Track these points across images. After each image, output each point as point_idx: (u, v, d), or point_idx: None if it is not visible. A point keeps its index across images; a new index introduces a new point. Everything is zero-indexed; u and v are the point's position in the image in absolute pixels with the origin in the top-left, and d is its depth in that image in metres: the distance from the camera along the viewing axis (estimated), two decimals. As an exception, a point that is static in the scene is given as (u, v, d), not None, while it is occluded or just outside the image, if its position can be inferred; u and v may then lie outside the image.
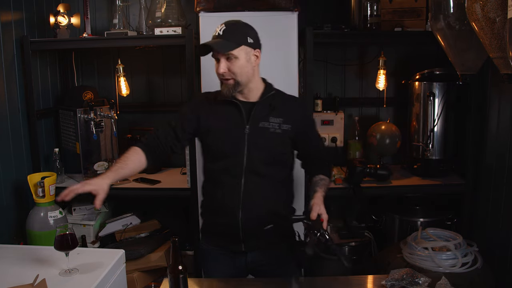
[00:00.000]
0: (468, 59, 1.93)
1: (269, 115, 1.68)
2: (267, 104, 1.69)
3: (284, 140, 1.70)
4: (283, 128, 1.68)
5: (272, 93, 1.72)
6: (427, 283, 1.56)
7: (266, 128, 1.67)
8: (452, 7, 1.83)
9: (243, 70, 1.63)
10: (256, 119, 1.68)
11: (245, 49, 1.62)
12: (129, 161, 1.67)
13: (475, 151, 2.47)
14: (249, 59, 1.64)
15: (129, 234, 2.72)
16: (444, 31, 1.91)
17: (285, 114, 1.69)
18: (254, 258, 1.76)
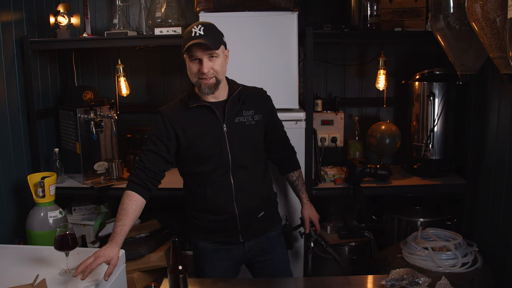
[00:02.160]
0: (468, 59, 1.93)
1: (241, 110, 1.77)
2: (236, 100, 1.77)
3: (259, 130, 1.82)
4: (256, 119, 1.79)
5: (239, 89, 1.79)
6: (427, 283, 1.57)
7: (242, 123, 1.76)
8: (452, 7, 1.83)
9: (223, 69, 1.72)
10: (231, 116, 1.75)
11: (222, 48, 1.72)
12: (129, 213, 1.66)
13: (475, 151, 2.47)
14: (225, 57, 1.73)
15: (129, 234, 2.69)
16: (444, 31, 1.91)
17: (254, 105, 1.80)
18: (251, 246, 1.87)
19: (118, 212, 1.66)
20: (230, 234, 1.82)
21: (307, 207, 2.06)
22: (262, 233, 1.87)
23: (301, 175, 2.05)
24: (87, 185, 2.63)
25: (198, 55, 1.66)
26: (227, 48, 1.77)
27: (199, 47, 1.65)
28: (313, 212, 2.07)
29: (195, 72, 1.70)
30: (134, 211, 1.67)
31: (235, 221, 1.78)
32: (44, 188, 2.25)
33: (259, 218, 1.84)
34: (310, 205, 2.07)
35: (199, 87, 1.71)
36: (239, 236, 1.82)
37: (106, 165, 2.69)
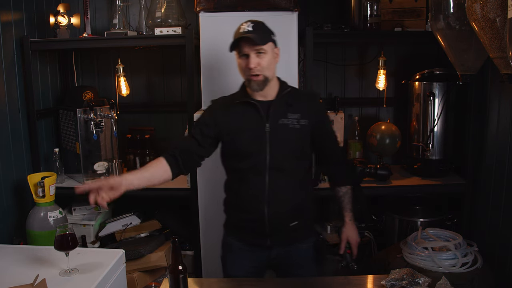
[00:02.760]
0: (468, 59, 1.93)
1: (287, 112, 1.73)
2: (283, 102, 1.74)
3: (304, 135, 1.75)
4: (301, 123, 1.73)
5: (288, 90, 1.76)
6: (427, 283, 1.57)
7: (286, 125, 1.72)
8: (452, 7, 1.83)
9: (271, 66, 1.71)
10: (275, 117, 1.72)
11: (271, 46, 1.71)
12: (149, 168, 1.73)
13: (475, 151, 2.47)
14: (274, 55, 1.72)
15: (129, 234, 2.72)
16: (444, 31, 1.91)
17: (301, 109, 1.74)
18: (278, 253, 1.81)
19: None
20: (258, 235, 1.78)
21: (348, 227, 1.90)
22: (291, 242, 1.80)
23: (349, 193, 1.91)
24: (87, 185, 2.63)
25: (246, 50, 1.68)
26: (278, 47, 1.75)
27: (246, 42, 1.67)
28: (353, 234, 1.90)
29: (243, 68, 1.71)
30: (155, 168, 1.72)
31: (264, 222, 1.74)
32: (44, 188, 2.25)
33: (291, 227, 1.76)
34: (352, 227, 1.90)
35: (249, 83, 1.72)
36: (267, 239, 1.77)
37: (106, 165, 2.69)
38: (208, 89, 2.41)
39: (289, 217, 1.76)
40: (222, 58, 2.35)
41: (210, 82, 2.39)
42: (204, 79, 2.40)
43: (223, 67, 2.36)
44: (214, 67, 2.36)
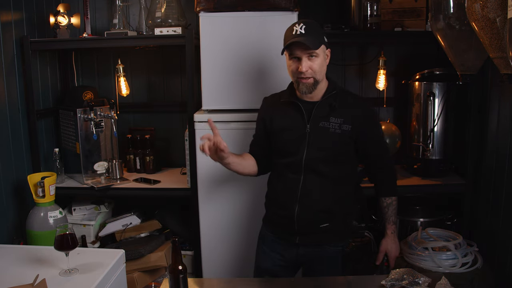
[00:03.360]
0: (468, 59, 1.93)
1: (329, 115, 1.71)
2: (327, 104, 1.72)
3: (344, 140, 1.72)
4: (343, 129, 1.70)
5: (333, 93, 1.74)
6: (427, 283, 1.57)
7: (326, 128, 1.71)
8: (452, 7, 1.83)
9: (322, 69, 1.70)
10: (316, 119, 1.72)
11: (323, 48, 1.70)
12: (246, 156, 1.86)
13: (475, 151, 2.47)
14: (325, 57, 1.71)
15: (129, 234, 2.72)
16: (444, 31, 1.91)
17: (345, 114, 1.71)
18: (306, 252, 1.82)
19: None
20: (287, 231, 1.82)
21: (388, 240, 1.88)
22: (320, 244, 1.81)
23: (393, 204, 1.88)
24: (87, 185, 2.63)
25: (298, 53, 1.68)
26: (329, 48, 1.74)
27: (299, 46, 1.66)
28: (393, 247, 1.88)
29: (294, 71, 1.71)
30: (248, 160, 1.84)
31: (293, 220, 1.77)
32: (44, 188, 2.25)
33: (321, 228, 1.77)
34: (393, 239, 1.88)
35: (298, 85, 1.73)
36: (295, 237, 1.80)
37: (106, 165, 2.69)
38: (208, 89, 2.41)
39: (318, 219, 1.76)
40: (222, 58, 2.35)
41: (210, 82, 2.39)
42: (204, 79, 2.40)
43: (223, 67, 2.36)
44: (214, 67, 2.36)
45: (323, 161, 1.73)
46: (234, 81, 2.36)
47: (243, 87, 2.36)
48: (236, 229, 2.44)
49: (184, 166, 2.75)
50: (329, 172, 1.74)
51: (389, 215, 1.88)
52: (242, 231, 2.44)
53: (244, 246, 2.43)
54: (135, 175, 2.88)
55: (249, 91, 2.34)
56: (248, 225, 2.40)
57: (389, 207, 1.88)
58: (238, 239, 2.45)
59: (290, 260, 1.86)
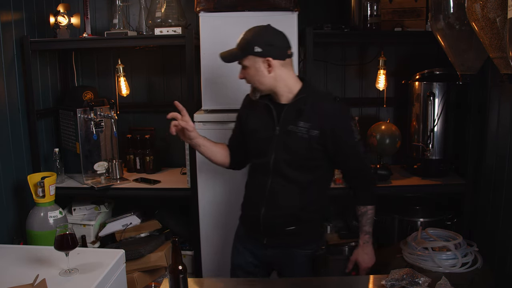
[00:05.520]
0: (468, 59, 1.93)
1: (297, 119, 1.68)
2: (295, 108, 1.69)
3: (311, 145, 1.68)
4: (310, 134, 1.67)
5: (302, 96, 1.69)
6: (427, 283, 1.56)
7: (294, 132, 1.68)
8: (452, 7, 1.83)
9: (254, 79, 1.67)
10: (285, 122, 1.70)
11: (253, 59, 1.65)
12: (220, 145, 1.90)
13: (475, 151, 2.47)
14: (258, 68, 1.65)
15: (129, 234, 2.72)
16: (444, 31, 1.91)
17: (313, 119, 1.67)
18: (274, 254, 1.81)
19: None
20: (256, 232, 1.82)
21: (359, 250, 1.85)
22: (287, 246, 1.79)
23: (368, 214, 1.83)
24: (87, 185, 2.63)
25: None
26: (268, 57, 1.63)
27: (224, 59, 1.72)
28: (365, 258, 1.84)
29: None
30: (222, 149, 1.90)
31: (259, 222, 1.77)
32: (44, 188, 2.25)
33: (287, 231, 1.75)
34: (364, 250, 1.84)
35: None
36: (263, 238, 1.80)
37: (106, 165, 2.69)
38: (208, 89, 2.41)
39: (284, 222, 1.75)
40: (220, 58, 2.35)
41: (210, 82, 2.39)
42: (204, 79, 2.40)
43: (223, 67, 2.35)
44: (214, 67, 2.36)
45: (290, 165, 1.70)
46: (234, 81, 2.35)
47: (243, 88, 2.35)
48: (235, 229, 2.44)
49: (184, 166, 2.75)
50: (296, 176, 1.71)
51: (362, 224, 1.83)
52: (242, 231, 2.44)
53: (244, 246, 2.43)
54: (135, 175, 2.88)
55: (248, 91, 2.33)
56: (248, 225, 2.40)
57: (362, 216, 1.82)
58: (238, 239, 2.45)
59: (261, 260, 1.85)
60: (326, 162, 1.74)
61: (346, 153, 1.72)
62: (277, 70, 1.65)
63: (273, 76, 1.66)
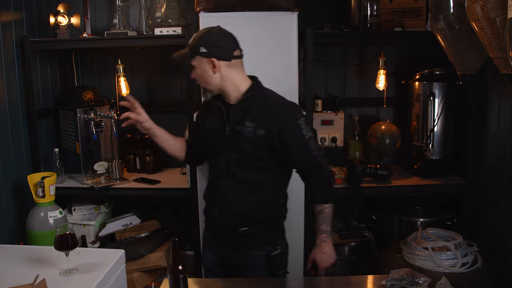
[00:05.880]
0: (468, 59, 1.93)
1: (244, 119, 1.69)
2: (242, 107, 1.70)
3: (259, 145, 1.67)
4: (256, 133, 1.67)
5: (248, 96, 1.70)
6: (427, 283, 1.56)
7: (241, 132, 1.69)
8: (452, 7, 1.83)
9: (201, 79, 1.71)
10: (233, 122, 1.71)
11: (199, 59, 1.68)
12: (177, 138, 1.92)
13: (475, 151, 2.47)
14: (204, 68, 1.68)
15: (129, 234, 2.72)
16: (444, 31, 1.91)
17: (259, 118, 1.67)
18: (232, 254, 1.82)
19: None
20: (214, 233, 1.86)
21: (316, 249, 1.79)
22: (242, 247, 1.78)
23: (324, 213, 1.75)
24: (87, 185, 2.63)
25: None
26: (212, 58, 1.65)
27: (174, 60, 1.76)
28: (322, 257, 1.77)
29: None
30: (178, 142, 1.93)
31: (215, 223, 1.81)
32: (44, 188, 2.25)
33: (241, 232, 1.75)
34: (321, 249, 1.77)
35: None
36: (220, 238, 1.82)
37: (106, 165, 2.69)
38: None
39: (237, 223, 1.75)
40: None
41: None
42: (204, 79, 2.40)
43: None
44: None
45: (239, 165, 1.71)
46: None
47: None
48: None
49: (184, 166, 2.75)
50: (246, 176, 1.71)
51: (319, 223, 1.76)
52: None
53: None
54: (135, 175, 2.88)
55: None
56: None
57: (318, 215, 1.76)
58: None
59: (223, 260, 1.85)
60: (276, 162, 1.72)
61: (295, 152, 1.70)
62: (222, 71, 1.67)
63: (219, 77, 1.68)
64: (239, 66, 1.72)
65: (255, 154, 1.69)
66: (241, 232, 1.75)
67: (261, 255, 1.78)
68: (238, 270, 1.83)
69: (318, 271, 1.80)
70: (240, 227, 1.75)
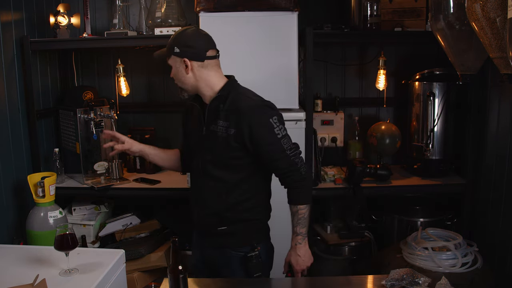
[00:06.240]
0: (468, 59, 1.93)
1: (217, 118, 1.69)
2: (214, 107, 1.71)
3: (231, 144, 1.66)
4: (228, 133, 1.66)
5: (220, 95, 1.69)
6: (427, 283, 1.56)
7: (215, 132, 1.69)
8: (452, 7, 1.83)
9: (177, 77, 1.73)
10: (208, 122, 1.72)
11: (174, 59, 1.71)
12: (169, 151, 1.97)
13: (475, 151, 2.47)
14: (178, 67, 1.70)
15: (129, 234, 2.72)
16: (444, 31, 1.91)
17: (231, 117, 1.66)
18: (213, 253, 1.82)
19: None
20: (197, 233, 1.89)
21: (291, 251, 1.76)
22: (221, 246, 1.78)
23: (299, 214, 1.71)
24: (87, 185, 2.63)
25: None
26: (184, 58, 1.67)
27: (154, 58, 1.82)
28: (297, 259, 1.74)
29: None
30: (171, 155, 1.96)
31: (195, 223, 1.83)
32: (44, 188, 2.25)
33: (220, 231, 1.75)
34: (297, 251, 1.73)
35: None
36: (202, 237, 1.84)
37: (106, 165, 2.69)
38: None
39: (215, 222, 1.75)
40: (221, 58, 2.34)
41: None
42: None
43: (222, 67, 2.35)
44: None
45: (214, 164, 1.72)
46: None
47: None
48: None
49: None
50: (222, 176, 1.71)
51: (293, 224, 1.73)
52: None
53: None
54: (135, 175, 2.88)
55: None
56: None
57: (293, 216, 1.72)
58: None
59: (206, 259, 1.86)
60: (251, 162, 1.70)
61: (267, 151, 1.65)
62: (195, 71, 1.69)
63: (192, 76, 1.70)
64: (214, 66, 1.72)
65: (229, 153, 1.68)
66: (220, 231, 1.76)
67: (238, 255, 1.76)
68: (217, 269, 1.82)
69: (294, 274, 1.77)
70: (218, 226, 1.75)
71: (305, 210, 1.71)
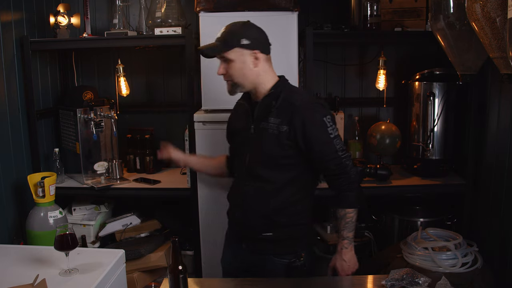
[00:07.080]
0: (468, 59, 1.93)
1: (268, 116, 1.63)
2: (266, 104, 1.65)
3: (283, 142, 1.60)
4: (280, 130, 1.60)
5: (273, 92, 1.65)
6: (427, 283, 1.57)
7: (265, 129, 1.63)
8: (452, 7, 1.83)
9: (240, 73, 1.63)
10: (258, 120, 1.66)
11: (240, 51, 1.61)
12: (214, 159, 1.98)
13: (475, 151, 2.46)
14: (245, 61, 1.61)
15: (129, 234, 2.72)
16: (444, 31, 1.91)
17: (283, 114, 1.61)
18: (252, 259, 1.75)
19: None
20: (236, 234, 1.80)
21: (337, 256, 1.71)
22: (264, 253, 1.70)
23: (347, 218, 1.66)
24: (87, 185, 2.63)
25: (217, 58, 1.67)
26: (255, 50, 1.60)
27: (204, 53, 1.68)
28: (343, 265, 1.69)
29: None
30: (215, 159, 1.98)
31: (235, 225, 1.77)
32: (44, 188, 2.25)
33: (263, 236, 1.67)
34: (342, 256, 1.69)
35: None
36: (241, 241, 1.76)
37: (106, 165, 2.69)
38: (208, 89, 2.41)
39: (259, 227, 1.67)
40: (222, 58, 2.35)
41: (210, 82, 2.39)
42: (204, 79, 2.40)
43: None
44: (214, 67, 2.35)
45: (263, 164, 1.64)
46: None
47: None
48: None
49: (184, 166, 2.75)
50: (270, 176, 1.64)
51: (340, 228, 1.68)
52: (242, 231, 2.44)
53: (244, 246, 2.43)
54: (135, 175, 2.88)
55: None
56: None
57: (340, 220, 1.67)
58: (238, 239, 2.45)
59: (240, 261, 1.78)
60: (302, 161, 1.65)
61: (318, 150, 1.61)
62: (262, 64, 1.64)
63: (257, 71, 1.64)
64: (270, 61, 1.69)
65: (280, 151, 1.62)
66: (263, 237, 1.67)
67: (282, 263, 1.69)
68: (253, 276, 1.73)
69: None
70: (262, 231, 1.67)
71: (353, 214, 1.66)
